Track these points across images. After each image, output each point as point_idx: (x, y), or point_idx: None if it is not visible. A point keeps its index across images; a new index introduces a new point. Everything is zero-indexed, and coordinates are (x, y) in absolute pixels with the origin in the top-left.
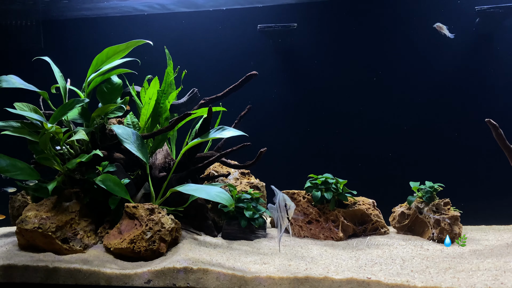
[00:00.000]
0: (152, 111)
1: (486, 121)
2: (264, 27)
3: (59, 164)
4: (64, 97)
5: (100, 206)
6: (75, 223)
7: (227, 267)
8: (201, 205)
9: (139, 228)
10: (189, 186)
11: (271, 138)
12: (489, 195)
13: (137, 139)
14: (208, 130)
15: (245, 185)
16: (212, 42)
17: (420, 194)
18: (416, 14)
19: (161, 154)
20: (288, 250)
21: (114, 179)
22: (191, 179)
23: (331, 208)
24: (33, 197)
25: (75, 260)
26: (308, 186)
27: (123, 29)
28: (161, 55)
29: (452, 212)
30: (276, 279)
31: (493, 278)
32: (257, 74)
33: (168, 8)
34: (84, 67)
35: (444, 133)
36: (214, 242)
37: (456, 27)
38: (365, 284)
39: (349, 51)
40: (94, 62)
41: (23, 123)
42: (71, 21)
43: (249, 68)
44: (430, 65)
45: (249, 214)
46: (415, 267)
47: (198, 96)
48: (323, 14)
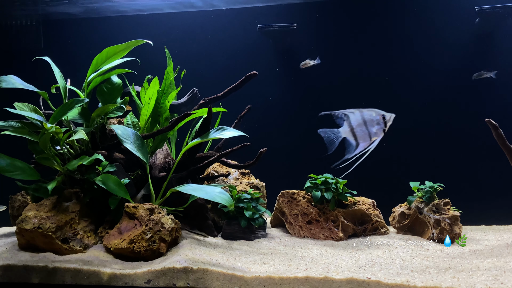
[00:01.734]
0: (152, 111)
1: (486, 121)
2: (264, 27)
3: (59, 164)
4: (64, 97)
5: (100, 206)
6: (75, 223)
7: (227, 267)
8: (201, 205)
9: (139, 228)
10: (189, 186)
11: (271, 138)
12: (489, 195)
13: (137, 139)
14: (208, 130)
15: (245, 185)
16: (212, 42)
17: (420, 194)
18: (416, 14)
19: (161, 154)
20: (288, 250)
21: (114, 179)
22: (191, 179)
23: (331, 208)
24: (33, 197)
25: (75, 260)
26: (308, 186)
27: (123, 29)
28: (161, 55)
29: (452, 212)
30: (276, 279)
31: (493, 278)
32: (257, 74)
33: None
34: (84, 67)
35: (444, 133)
36: (214, 242)
37: (456, 27)
38: (365, 284)
39: (349, 51)
40: (94, 62)
41: (23, 123)
42: (71, 21)
43: (249, 68)
44: (430, 65)
45: (249, 214)
46: (415, 267)
47: (198, 96)
48: (323, 14)
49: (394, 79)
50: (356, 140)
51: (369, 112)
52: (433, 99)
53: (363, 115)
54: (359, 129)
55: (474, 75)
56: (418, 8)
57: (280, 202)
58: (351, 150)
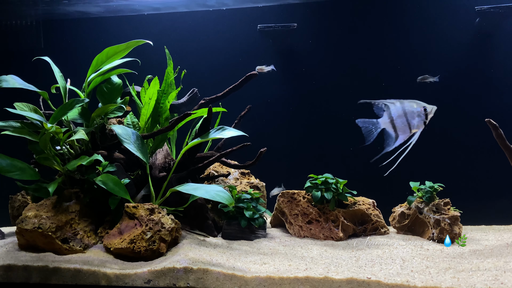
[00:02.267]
0: (152, 111)
1: (486, 121)
2: (264, 27)
3: (59, 164)
4: (64, 97)
5: (100, 206)
6: (75, 223)
7: (227, 267)
8: (201, 205)
9: (139, 228)
10: (189, 186)
11: (271, 138)
12: (489, 195)
13: (137, 139)
14: (208, 130)
15: (245, 185)
16: (212, 42)
17: (420, 194)
18: (416, 14)
19: (161, 154)
20: (288, 250)
21: (114, 179)
22: (191, 179)
23: (331, 208)
24: (33, 197)
25: (75, 260)
26: (308, 186)
27: (123, 29)
28: (161, 55)
29: (452, 212)
30: (276, 279)
31: (493, 278)
32: (257, 74)
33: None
34: (84, 67)
35: (444, 133)
36: (214, 242)
37: (456, 27)
38: (365, 284)
39: (349, 51)
40: (94, 62)
41: (23, 123)
42: (71, 21)
43: (249, 68)
44: (430, 65)
45: (249, 214)
46: (415, 267)
47: (198, 96)
48: (323, 14)
49: (394, 79)
50: (396, 131)
51: (410, 103)
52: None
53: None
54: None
55: (418, 79)
56: (418, 8)
57: (280, 202)
58: (390, 142)
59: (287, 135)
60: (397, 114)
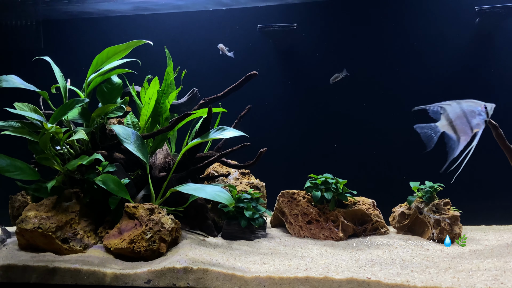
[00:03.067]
0: (152, 111)
1: (486, 121)
2: (264, 27)
3: (59, 164)
4: (64, 97)
5: (100, 206)
6: (75, 223)
7: (227, 267)
8: (201, 205)
9: (139, 228)
10: (189, 186)
11: (271, 138)
12: (489, 195)
13: (137, 139)
14: (208, 130)
15: (245, 185)
16: (212, 42)
17: (420, 194)
18: (416, 14)
19: (161, 154)
20: (288, 250)
21: (114, 179)
22: (191, 179)
23: (331, 208)
24: (33, 197)
25: (75, 260)
26: (308, 186)
27: (123, 29)
28: (161, 55)
29: (452, 212)
30: (276, 279)
31: (493, 278)
32: (257, 74)
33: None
34: (84, 67)
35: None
36: (214, 242)
37: (456, 27)
38: (365, 284)
39: (349, 51)
40: (94, 62)
41: (23, 123)
42: (71, 21)
43: (249, 68)
44: (430, 65)
45: (249, 214)
46: (415, 267)
47: (198, 96)
48: (323, 14)
49: (394, 79)
50: (456, 133)
51: (467, 103)
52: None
53: (462, 106)
54: (459, 122)
55: (331, 80)
56: (418, 8)
57: (280, 202)
58: (452, 145)
59: (287, 135)
60: (455, 115)
